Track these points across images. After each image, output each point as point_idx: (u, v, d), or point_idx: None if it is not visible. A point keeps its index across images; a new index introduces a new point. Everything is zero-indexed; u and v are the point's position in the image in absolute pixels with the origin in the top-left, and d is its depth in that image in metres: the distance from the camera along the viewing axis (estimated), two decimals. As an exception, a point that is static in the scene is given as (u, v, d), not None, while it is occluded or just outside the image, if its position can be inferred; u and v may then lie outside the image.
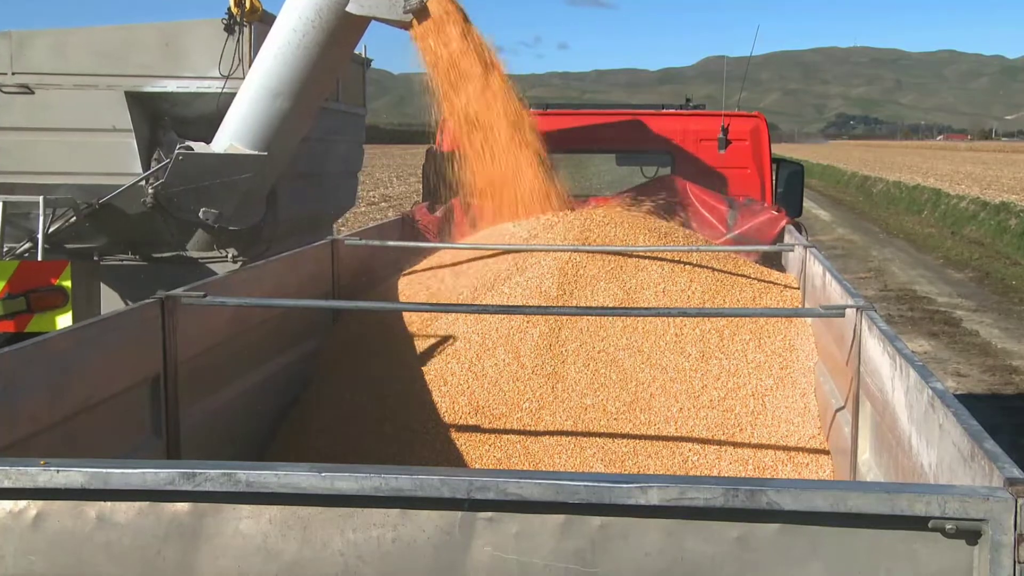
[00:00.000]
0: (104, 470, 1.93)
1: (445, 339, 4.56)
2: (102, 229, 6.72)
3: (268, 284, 4.36)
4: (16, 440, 2.64)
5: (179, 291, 3.52)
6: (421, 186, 7.48)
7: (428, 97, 5.47)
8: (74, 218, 6.49)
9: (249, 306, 3.88)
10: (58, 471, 1.92)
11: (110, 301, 6.91)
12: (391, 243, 5.78)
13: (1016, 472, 1.82)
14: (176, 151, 6.21)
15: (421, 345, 4.58)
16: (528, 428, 4.15)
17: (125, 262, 7.02)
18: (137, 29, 6.86)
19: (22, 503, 1.95)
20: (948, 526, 1.77)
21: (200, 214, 6.40)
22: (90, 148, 6.64)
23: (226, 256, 6.80)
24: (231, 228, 6.60)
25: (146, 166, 6.57)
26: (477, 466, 4.06)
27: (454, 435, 4.18)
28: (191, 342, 3.55)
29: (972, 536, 1.78)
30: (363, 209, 28.07)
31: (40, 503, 1.95)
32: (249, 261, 6.39)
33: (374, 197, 33.32)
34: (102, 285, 7.01)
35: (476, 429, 4.18)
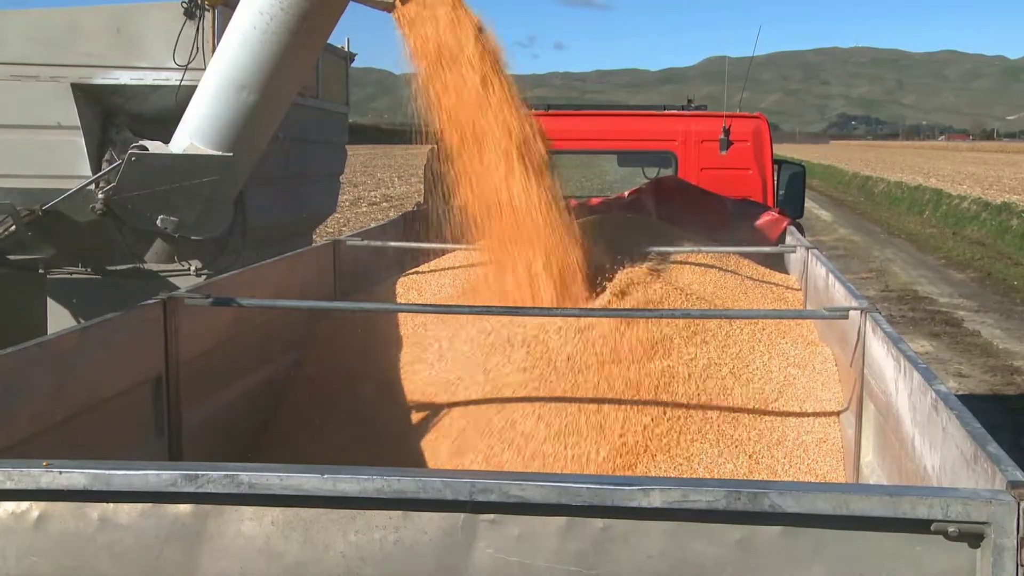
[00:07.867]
0: (106, 471, 1.93)
1: (443, 341, 4.54)
2: (47, 239, 5.95)
3: (270, 285, 4.36)
4: (18, 441, 2.64)
5: (181, 291, 3.53)
6: (423, 186, 7.47)
7: (416, 99, 4.48)
8: (14, 227, 5.73)
9: (251, 307, 3.88)
10: (60, 472, 1.92)
11: (59, 318, 6.18)
12: (393, 243, 5.79)
13: (1019, 475, 1.82)
14: (128, 151, 5.47)
15: (418, 346, 4.57)
16: (526, 431, 4.14)
17: (75, 275, 6.26)
18: (84, 12, 6.01)
19: (24, 504, 1.95)
20: (951, 529, 1.77)
21: (158, 222, 5.63)
22: (32, 147, 5.93)
23: (188, 269, 6.08)
24: (193, 238, 5.87)
25: (96, 168, 5.86)
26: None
27: (449, 437, 4.17)
28: (193, 343, 3.56)
29: (975, 539, 1.78)
30: (364, 209, 28.13)
31: (42, 504, 1.95)
32: (214, 274, 5.63)
33: (375, 197, 33.34)
34: (49, 301, 6.29)
35: (472, 430, 4.17)
